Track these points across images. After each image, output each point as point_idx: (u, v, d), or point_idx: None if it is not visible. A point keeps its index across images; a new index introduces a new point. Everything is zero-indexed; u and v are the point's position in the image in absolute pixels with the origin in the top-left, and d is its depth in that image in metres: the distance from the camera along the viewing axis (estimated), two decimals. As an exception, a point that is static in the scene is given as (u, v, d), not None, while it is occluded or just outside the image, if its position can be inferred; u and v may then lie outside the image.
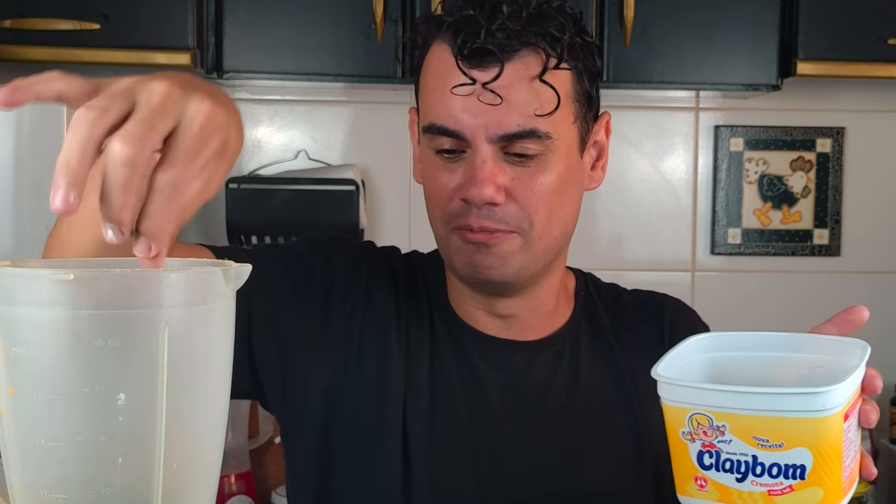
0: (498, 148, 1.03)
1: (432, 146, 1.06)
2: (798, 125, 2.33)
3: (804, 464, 0.75)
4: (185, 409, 0.59)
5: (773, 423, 0.75)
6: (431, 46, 1.07)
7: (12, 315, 0.57)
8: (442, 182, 1.06)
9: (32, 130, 1.53)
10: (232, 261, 0.64)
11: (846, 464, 0.76)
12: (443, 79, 1.03)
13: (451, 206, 1.06)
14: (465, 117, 1.02)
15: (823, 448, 0.74)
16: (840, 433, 0.75)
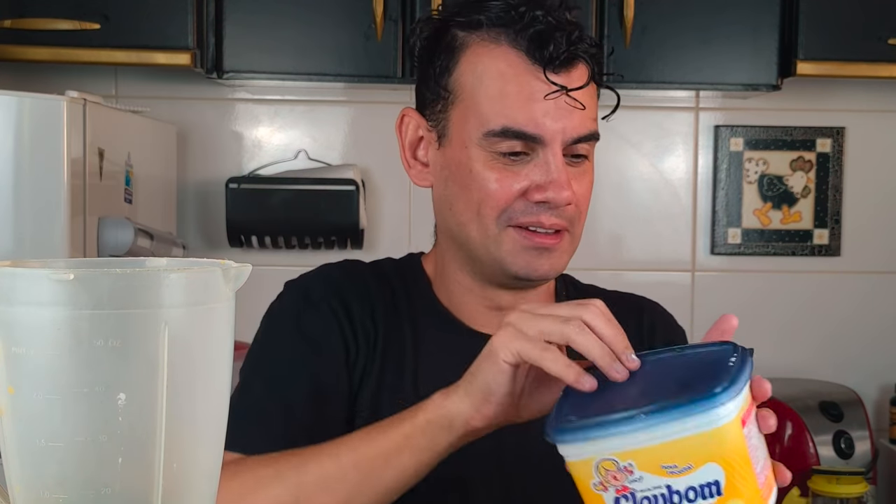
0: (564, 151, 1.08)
1: (494, 149, 1.07)
2: (798, 125, 2.33)
3: (717, 479, 0.75)
4: (185, 409, 0.59)
5: (676, 447, 0.75)
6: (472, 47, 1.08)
7: (12, 315, 0.57)
8: (504, 183, 1.08)
9: (32, 130, 1.53)
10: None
11: (758, 471, 0.76)
12: (516, 84, 1.06)
13: (515, 205, 1.08)
14: (548, 121, 1.06)
15: (730, 458, 0.74)
16: (742, 440, 0.75)
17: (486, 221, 1.09)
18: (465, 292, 1.17)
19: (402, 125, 1.16)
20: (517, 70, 1.06)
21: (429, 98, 1.13)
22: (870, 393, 2.30)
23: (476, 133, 1.08)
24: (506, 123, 1.06)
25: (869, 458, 2.08)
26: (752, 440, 0.76)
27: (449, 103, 1.10)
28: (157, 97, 2.22)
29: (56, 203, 1.52)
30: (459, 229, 1.12)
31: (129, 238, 1.66)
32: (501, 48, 1.07)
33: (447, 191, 1.12)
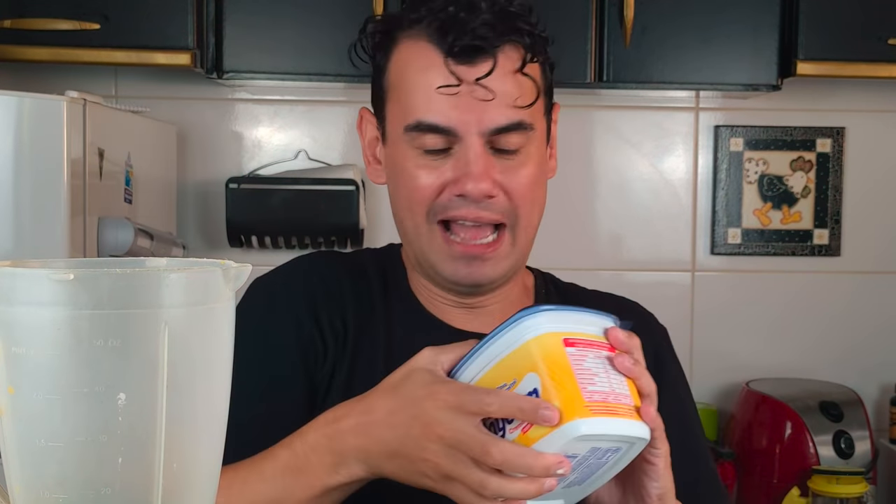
0: (486, 143, 1.06)
1: (416, 145, 1.07)
2: (798, 125, 2.33)
3: (535, 387, 0.82)
4: (185, 409, 0.59)
5: (503, 367, 0.85)
6: (400, 44, 1.09)
7: (12, 315, 0.57)
8: (425, 180, 1.07)
9: (32, 130, 1.53)
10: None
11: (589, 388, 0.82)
12: (427, 76, 1.05)
13: (439, 200, 1.07)
14: (456, 114, 1.04)
15: (545, 366, 0.82)
16: (562, 355, 0.83)
17: (416, 218, 1.10)
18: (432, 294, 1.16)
19: (361, 124, 1.18)
20: (430, 62, 1.06)
21: (376, 96, 1.15)
22: (870, 393, 2.30)
23: (399, 129, 1.08)
24: (418, 117, 1.06)
25: (869, 458, 2.08)
26: (585, 362, 0.84)
27: (385, 101, 1.12)
28: (157, 97, 2.22)
29: (56, 203, 1.52)
30: (400, 226, 1.13)
31: (129, 238, 1.66)
32: (421, 42, 1.07)
33: (391, 187, 1.13)
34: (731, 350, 2.34)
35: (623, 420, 0.84)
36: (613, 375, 0.86)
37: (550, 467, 0.82)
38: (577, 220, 2.31)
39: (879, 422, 2.30)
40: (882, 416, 2.31)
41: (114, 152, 1.72)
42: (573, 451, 0.83)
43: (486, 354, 0.87)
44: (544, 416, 0.81)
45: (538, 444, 0.82)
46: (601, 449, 0.84)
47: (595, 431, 0.82)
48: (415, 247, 1.12)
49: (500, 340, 0.86)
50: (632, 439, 0.85)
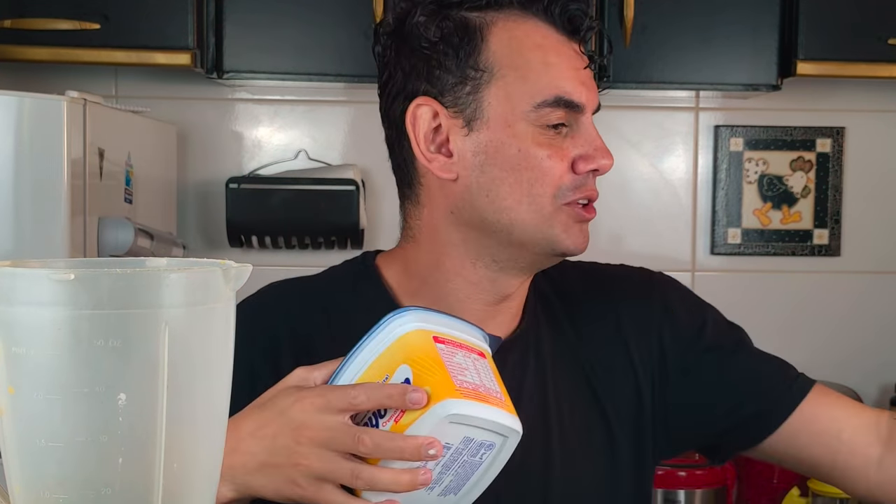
0: None
1: (547, 121, 1.05)
2: (798, 125, 2.33)
3: (407, 377, 0.84)
4: (185, 409, 0.59)
5: (376, 367, 0.86)
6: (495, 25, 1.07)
7: (12, 315, 0.57)
8: (555, 159, 1.06)
9: (32, 130, 1.53)
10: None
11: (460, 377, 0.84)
12: (555, 55, 1.07)
13: (565, 181, 1.06)
14: (583, 90, 1.07)
15: (415, 356, 0.85)
16: (432, 347, 0.86)
17: (540, 201, 1.06)
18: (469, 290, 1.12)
19: (414, 117, 1.08)
20: (553, 42, 1.07)
21: (450, 82, 1.06)
22: (870, 393, 2.30)
23: (525, 106, 1.05)
24: (558, 93, 1.05)
25: (869, 458, 2.07)
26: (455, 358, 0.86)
27: (482, 83, 1.06)
28: (157, 97, 2.22)
29: (56, 203, 1.52)
30: (499, 216, 1.07)
31: (129, 238, 1.66)
32: (531, 22, 1.07)
33: (483, 177, 1.06)
34: (731, 350, 2.33)
35: (495, 409, 0.85)
36: (485, 375, 0.87)
37: (421, 447, 0.81)
38: (577, 220, 2.31)
39: (879, 422, 2.29)
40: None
41: (114, 152, 1.72)
42: (445, 439, 0.83)
43: (358, 360, 0.88)
44: (413, 399, 0.82)
45: (410, 428, 0.83)
46: (475, 441, 0.84)
47: (465, 412, 0.83)
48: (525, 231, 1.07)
49: (370, 343, 0.87)
50: (505, 430, 0.85)
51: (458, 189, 1.08)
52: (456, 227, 1.10)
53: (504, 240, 1.08)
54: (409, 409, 0.83)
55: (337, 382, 0.89)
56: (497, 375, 0.90)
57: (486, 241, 1.09)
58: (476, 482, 0.88)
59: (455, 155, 1.07)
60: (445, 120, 1.07)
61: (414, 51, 1.08)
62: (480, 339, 0.92)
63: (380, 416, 0.85)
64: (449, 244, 1.11)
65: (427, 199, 1.11)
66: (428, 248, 1.12)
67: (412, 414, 0.83)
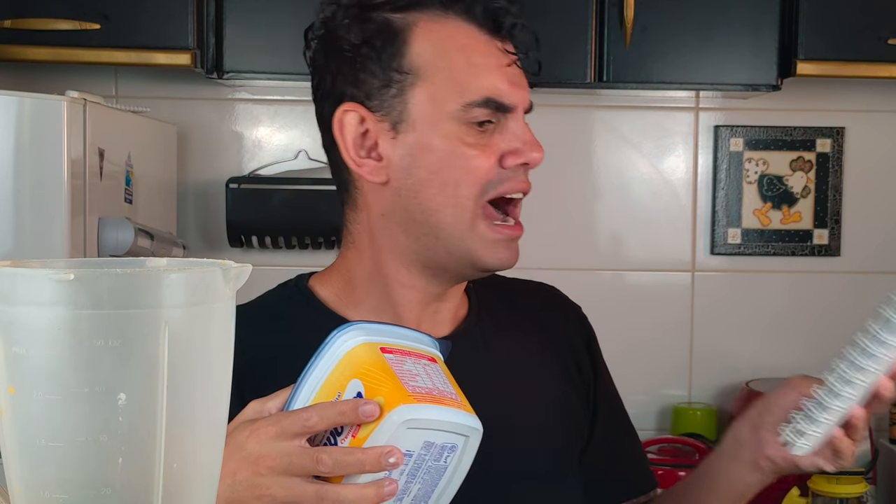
0: None
1: (473, 118, 1.04)
2: (798, 125, 2.33)
3: (359, 391, 0.84)
4: (185, 409, 0.59)
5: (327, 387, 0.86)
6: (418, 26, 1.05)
7: (12, 315, 0.57)
8: (481, 157, 1.05)
9: (32, 130, 1.53)
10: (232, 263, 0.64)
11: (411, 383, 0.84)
12: (481, 54, 1.05)
13: (491, 176, 1.05)
14: (515, 89, 1.06)
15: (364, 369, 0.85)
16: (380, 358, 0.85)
17: (464, 202, 1.05)
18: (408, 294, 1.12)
19: (341, 123, 1.10)
20: (477, 41, 1.06)
21: (375, 86, 1.06)
22: (870, 393, 2.30)
23: (452, 107, 1.04)
24: (487, 94, 1.04)
25: (869, 458, 2.07)
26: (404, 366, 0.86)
27: (406, 85, 1.05)
28: (157, 97, 2.21)
29: (56, 203, 1.52)
30: (426, 217, 1.06)
31: (129, 238, 1.66)
32: (454, 22, 1.06)
33: (411, 179, 1.06)
34: (730, 350, 2.34)
35: (451, 409, 0.84)
36: (437, 378, 0.87)
37: (381, 456, 0.81)
38: (577, 220, 2.31)
39: (879, 422, 2.29)
40: (882, 416, 2.31)
41: (114, 152, 1.72)
42: (406, 446, 0.83)
43: (310, 382, 0.87)
44: (365, 412, 0.81)
45: (368, 441, 0.82)
46: (436, 445, 0.84)
47: (420, 415, 0.82)
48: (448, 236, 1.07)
49: (319, 363, 0.87)
50: (464, 429, 0.85)
51: (389, 193, 1.08)
52: (389, 230, 1.09)
53: (432, 244, 1.08)
54: (365, 423, 0.82)
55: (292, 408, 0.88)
56: (450, 378, 0.89)
57: (415, 245, 1.09)
58: (444, 489, 0.88)
59: (384, 158, 1.07)
60: (373, 124, 1.07)
61: (339, 54, 1.07)
62: (429, 346, 0.92)
63: (337, 435, 0.85)
64: (384, 249, 1.10)
65: (363, 204, 1.11)
66: (368, 254, 1.12)
67: (368, 427, 0.82)
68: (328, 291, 1.15)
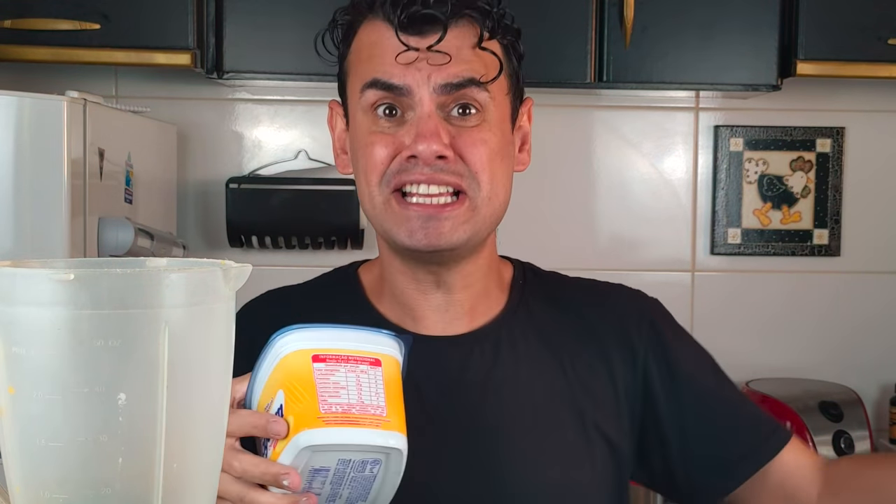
0: (439, 105, 1.06)
1: (370, 102, 1.07)
2: (798, 125, 2.33)
3: (282, 403, 0.86)
4: (185, 409, 0.59)
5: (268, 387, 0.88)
6: (361, 27, 1.11)
7: (12, 315, 0.57)
8: (380, 147, 1.07)
9: (32, 130, 1.53)
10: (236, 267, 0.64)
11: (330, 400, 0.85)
12: (381, 46, 1.07)
13: (392, 166, 1.07)
14: (409, 71, 1.05)
15: (289, 381, 0.86)
16: (307, 370, 0.86)
17: (372, 189, 1.08)
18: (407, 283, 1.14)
19: (331, 119, 1.18)
20: (384, 36, 1.07)
21: (339, 88, 1.16)
22: (870, 393, 2.30)
23: (356, 95, 1.09)
24: (374, 75, 1.07)
25: (869, 458, 2.08)
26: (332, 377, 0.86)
27: (346, 84, 1.13)
28: (157, 97, 2.22)
29: (56, 203, 1.52)
30: (363, 206, 1.12)
31: (129, 238, 1.66)
32: (374, 22, 1.09)
33: (354, 170, 1.14)
34: (730, 350, 2.33)
35: (364, 430, 0.85)
36: (368, 389, 0.87)
37: (278, 475, 0.84)
38: (577, 220, 2.31)
39: (879, 422, 2.30)
40: (882, 416, 2.31)
41: (114, 152, 1.72)
42: (319, 464, 0.85)
43: (259, 377, 0.90)
44: (273, 430, 0.85)
45: (280, 456, 0.85)
46: (354, 461, 0.85)
47: (323, 441, 0.84)
48: (377, 223, 1.11)
49: (264, 362, 0.89)
50: (378, 449, 0.85)
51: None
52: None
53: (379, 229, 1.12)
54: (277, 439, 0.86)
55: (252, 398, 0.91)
56: (392, 384, 0.89)
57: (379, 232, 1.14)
58: (379, 489, 0.89)
59: (348, 152, 1.15)
60: (341, 120, 1.16)
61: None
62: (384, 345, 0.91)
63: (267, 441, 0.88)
64: (378, 236, 1.16)
65: None
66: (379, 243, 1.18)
67: (282, 442, 0.85)
68: (368, 279, 1.20)
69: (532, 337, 1.16)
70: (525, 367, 1.14)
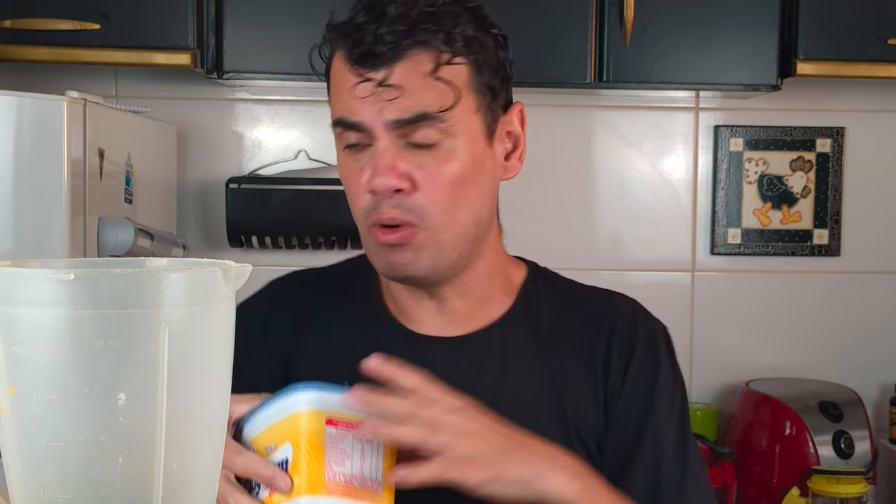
0: (397, 136, 1.06)
1: (341, 141, 1.10)
2: (798, 125, 2.33)
3: (288, 457, 0.89)
4: (185, 409, 0.59)
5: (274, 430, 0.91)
6: (335, 56, 1.13)
7: (12, 315, 0.57)
8: (354, 179, 1.09)
9: (32, 130, 1.53)
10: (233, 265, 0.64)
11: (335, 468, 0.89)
12: (342, 80, 1.09)
13: (364, 202, 1.09)
14: (363, 107, 1.06)
15: (301, 440, 0.89)
16: (319, 433, 0.90)
17: (358, 219, 1.12)
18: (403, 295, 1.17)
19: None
20: (343, 68, 1.09)
21: None
22: (870, 393, 2.30)
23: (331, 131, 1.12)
24: (338, 114, 1.09)
25: (869, 458, 2.08)
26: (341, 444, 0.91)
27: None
28: (157, 97, 2.21)
29: (56, 203, 1.52)
30: None
31: (129, 238, 1.66)
32: (340, 53, 1.11)
33: None
34: (731, 350, 2.34)
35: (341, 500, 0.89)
36: (371, 461, 0.92)
37: None
38: (577, 220, 2.31)
39: (879, 422, 2.29)
40: (882, 416, 2.31)
41: (114, 152, 1.72)
42: None
43: (264, 415, 0.93)
44: (277, 486, 0.89)
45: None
46: None
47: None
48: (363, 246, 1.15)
49: (275, 405, 0.92)
50: None
51: None
52: None
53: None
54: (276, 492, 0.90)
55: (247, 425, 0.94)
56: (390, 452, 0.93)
57: None
58: None
59: None
60: None
61: None
62: None
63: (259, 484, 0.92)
64: None
65: None
66: None
67: (281, 497, 0.89)
68: None
69: (526, 341, 1.17)
70: (513, 371, 1.15)
